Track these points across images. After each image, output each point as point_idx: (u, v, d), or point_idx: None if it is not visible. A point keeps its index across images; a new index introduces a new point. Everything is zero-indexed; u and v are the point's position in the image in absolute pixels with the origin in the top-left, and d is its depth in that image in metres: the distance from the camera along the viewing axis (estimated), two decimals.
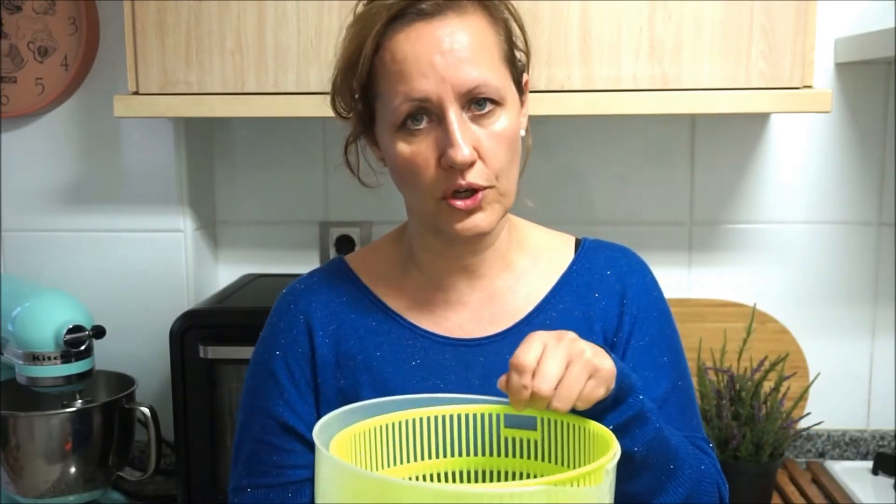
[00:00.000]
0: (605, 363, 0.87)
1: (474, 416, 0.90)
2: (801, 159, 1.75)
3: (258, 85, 1.45)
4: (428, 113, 0.95)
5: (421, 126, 0.95)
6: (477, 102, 0.95)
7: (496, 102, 0.96)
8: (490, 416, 0.90)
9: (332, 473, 0.76)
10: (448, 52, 0.94)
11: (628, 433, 0.91)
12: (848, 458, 1.78)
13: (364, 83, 0.99)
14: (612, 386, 0.88)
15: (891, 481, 1.64)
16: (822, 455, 1.79)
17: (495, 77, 0.96)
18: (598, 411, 0.88)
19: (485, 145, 0.95)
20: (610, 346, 1.05)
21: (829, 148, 1.74)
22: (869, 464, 1.71)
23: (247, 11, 1.43)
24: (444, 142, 0.94)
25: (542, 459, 0.90)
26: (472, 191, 0.95)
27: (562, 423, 0.88)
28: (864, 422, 1.80)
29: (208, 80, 1.45)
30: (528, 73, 1.06)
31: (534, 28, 1.39)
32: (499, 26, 1.00)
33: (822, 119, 1.73)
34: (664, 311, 1.10)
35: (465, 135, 0.93)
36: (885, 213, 1.75)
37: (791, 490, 1.63)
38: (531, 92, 1.07)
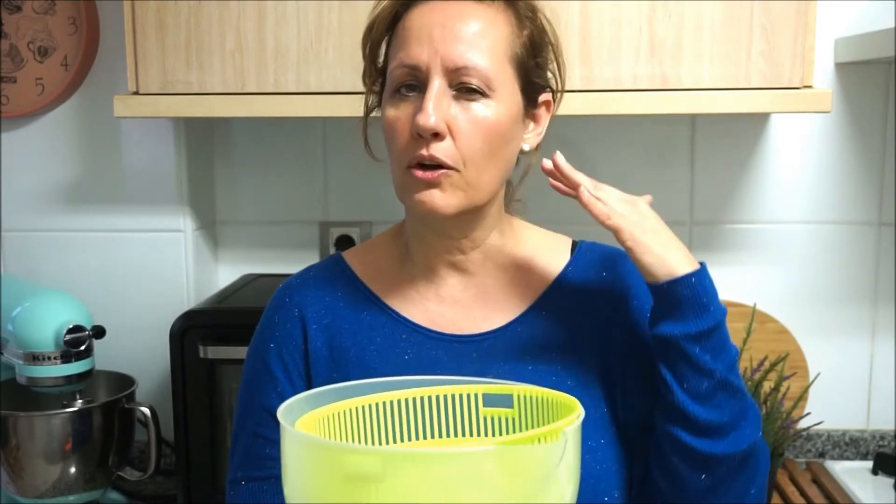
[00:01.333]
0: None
1: (452, 396, 0.91)
2: (801, 159, 1.75)
3: (258, 85, 1.45)
4: (419, 82, 0.97)
5: (411, 94, 0.97)
6: (466, 87, 0.96)
7: (483, 92, 0.96)
8: (468, 396, 0.91)
9: (290, 445, 0.76)
10: (449, 27, 0.96)
11: (710, 348, 0.95)
12: (848, 458, 1.78)
13: (382, 52, 1.03)
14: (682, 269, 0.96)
15: (891, 481, 1.64)
16: (822, 455, 1.79)
17: (489, 67, 0.96)
18: (678, 310, 0.94)
19: (459, 125, 0.95)
20: (606, 345, 1.05)
21: (829, 148, 1.74)
22: (869, 464, 1.71)
23: (247, 11, 1.43)
24: (419, 108, 0.95)
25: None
26: (437, 167, 0.96)
27: (536, 397, 0.89)
28: (864, 422, 1.80)
29: (208, 80, 1.45)
30: (555, 98, 1.07)
31: None
32: (521, 30, 1.00)
33: (822, 119, 1.73)
34: None
35: (437, 105, 0.94)
36: (885, 213, 1.75)
37: (791, 490, 1.63)
38: None
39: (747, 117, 1.73)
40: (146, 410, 1.53)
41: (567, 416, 0.83)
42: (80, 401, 1.51)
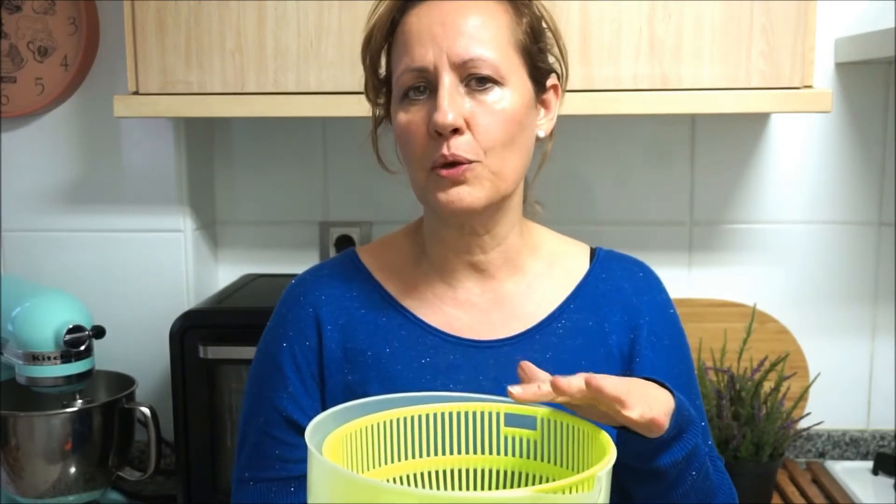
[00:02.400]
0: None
1: (474, 413, 0.90)
2: (801, 159, 1.75)
3: (258, 85, 1.45)
4: (427, 83, 0.96)
5: (421, 97, 0.97)
6: (477, 79, 0.96)
7: (495, 81, 0.96)
8: (490, 414, 0.90)
9: (322, 474, 0.76)
10: (450, 24, 0.96)
11: (690, 463, 0.92)
12: (848, 458, 1.78)
13: (384, 60, 1.02)
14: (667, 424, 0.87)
15: (891, 481, 1.64)
16: (822, 455, 1.79)
17: (497, 57, 0.96)
18: (657, 445, 0.88)
19: (477, 119, 0.95)
20: (627, 360, 1.05)
21: (829, 148, 1.74)
22: (869, 464, 1.71)
23: (247, 11, 1.43)
24: (433, 108, 0.95)
25: (541, 459, 0.89)
26: (457, 164, 0.95)
27: (561, 423, 0.88)
28: (864, 422, 1.80)
29: (208, 80, 1.45)
30: (562, 83, 1.07)
31: None
32: (520, 18, 1.00)
33: (822, 119, 1.73)
34: (680, 329, 1.11)
35: (452, 102, 0.94)
36: (885, 213, 1.75)
37: (791, 490, 1.63)
38: None
39: (747, 117, 1.73)
40: (146, 410, 1.53)
41: (592, 446, 0.84)
42: (80, 401, 1.51)
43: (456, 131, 0.94)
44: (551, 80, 1.05)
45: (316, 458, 0.76)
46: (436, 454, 0.90)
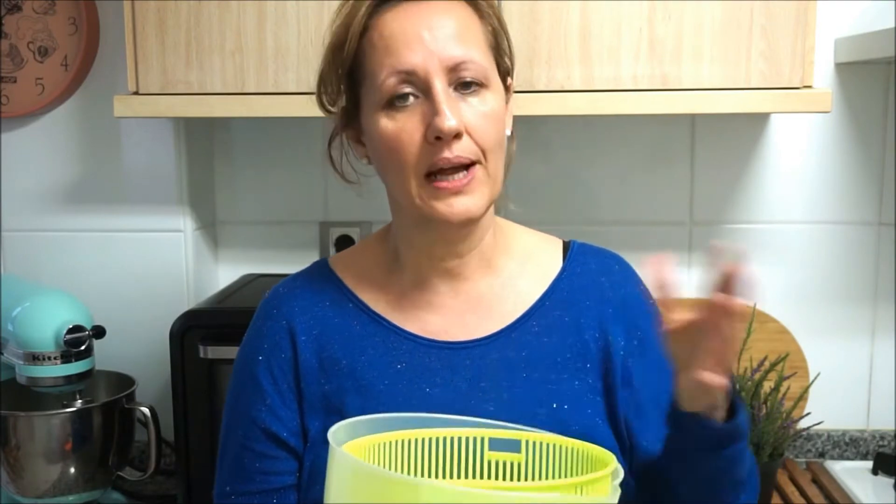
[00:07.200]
0: None
1: (459, 439, 0.91)
2: (801, 159, 1.75)
3: (258, 85, 1.45)
4: (414, 88, 0.95)
5: (407, 103, 0.95)
6: (464, 83, 0.95)
7: (480, 84, 0.96)
8: (473, 439, 0.91)
9: (348, 473, 0.76)
10: (436, 28, 0.95)
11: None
12: (848, 458, 1.78)
13: (350, 66, 1.00)
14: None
15: (891, 481, 1.64)
16: (822, 455, 1.79)
17: (481, 58, 0.97)
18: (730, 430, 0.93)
19: (472, 122, 0.95)
20: (605, 355, 1.04)
21: (829, 148, 1.74)
22: (869, 464, 1.71)
23: (247, 11, 1.43)
24: (430, 114, 0.94)
25: (526, 481, 0.90)
26: (458, 170, 0.95)
27: (546, 444, 0.89)
28: (864, 422, 1.80)
29: (208, 80, 1.45)
30: (511, 79, 1.07)
31: (534, 28, 1.39)
32: (485, 21, 1.01)
33: (822, 119, 1.73)
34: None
35: (451, 105, 0.94)
36: (885, 213, 1.75)
37: (791, 490, 1.63)
38: (530, 92, 1.07)
39: (747, 117, 1.73)
40: (146, 410, 1.53)
41: (581, 464, 0.86)
42: (80, 401, 1.51)
43: (456, 135, 0.94)
44: (509, 80, 1.05)
45: (342, 455, 0.77)
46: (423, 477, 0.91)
